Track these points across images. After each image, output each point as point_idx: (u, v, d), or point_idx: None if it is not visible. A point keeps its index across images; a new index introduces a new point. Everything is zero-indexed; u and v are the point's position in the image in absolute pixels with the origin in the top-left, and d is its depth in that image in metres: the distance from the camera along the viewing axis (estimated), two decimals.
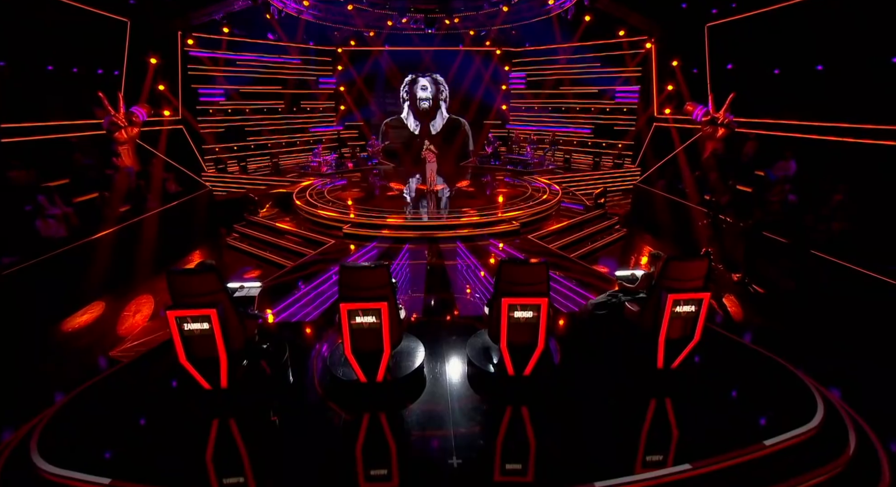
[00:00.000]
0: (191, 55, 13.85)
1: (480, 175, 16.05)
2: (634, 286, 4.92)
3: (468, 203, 11.85)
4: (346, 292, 4.12)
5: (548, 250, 9.47)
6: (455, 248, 9.65)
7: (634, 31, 14.58)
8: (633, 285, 4.95)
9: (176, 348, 3.88)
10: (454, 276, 8.30)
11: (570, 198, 13.42)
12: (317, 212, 10.94)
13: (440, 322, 6.21)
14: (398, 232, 10.06)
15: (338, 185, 14.33)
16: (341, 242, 9.88)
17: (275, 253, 9.81)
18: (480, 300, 7.15)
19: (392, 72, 18.56)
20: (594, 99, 17.16)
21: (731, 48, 12.45)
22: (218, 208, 11.88)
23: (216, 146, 15.37)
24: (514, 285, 4.19)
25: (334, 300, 5.10)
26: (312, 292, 7.35)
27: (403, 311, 4.72)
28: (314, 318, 6.43)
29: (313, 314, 6.59)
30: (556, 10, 13.55)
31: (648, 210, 12.90)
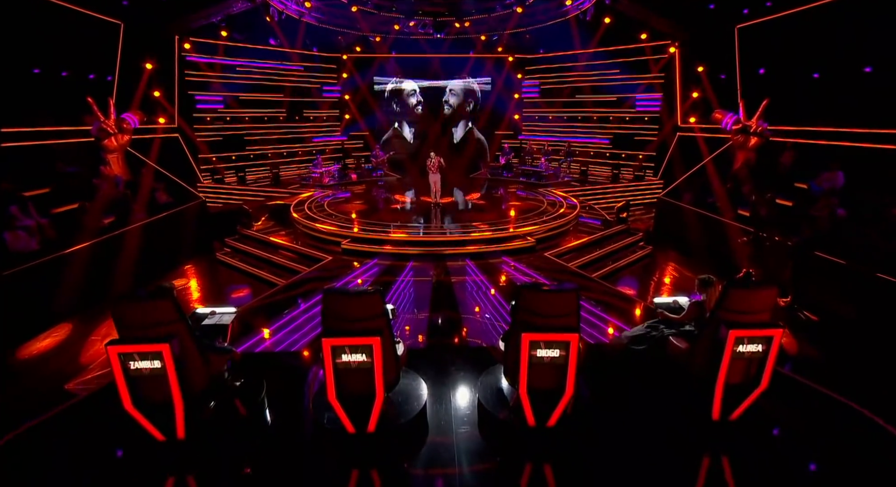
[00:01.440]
0: (188, 60, 13.57)
1: (492, 188, 15.46)
2: (679, 317, 4.20)
3: (479, 217, 11.23)
4: (330, 323, 3.47)
5: (566, 268, 8.77)
6: (464, 266, 9.01)
7: (657, 35, 14.05)
8: (678, 316, 4.23)
9: (120, 391, 3.24)
10: (462, 295, 7.64)
11: (588, 212, 12.73)
12: (315, 226, 10.37)
13: (446, 350, 5.52)
14: (401, 248, 9.44)
15: (339, 197, 13.83)
16: (339, 258, 9.28)
17: (266, 270, 9.24)
18: (491, 322, 6.47)
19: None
20: (613, 107, 16.59)
21: (763, 51, 11.83)
22: (210, 221, 11.39)
23: (213, 156, 14.98)
24: (537, 317, 3.51)
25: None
26: (302, 315, 6.71)
27: (402, 345, 4.05)
28: (304, 345, 5.78)
29: (302, 341, 5.94)
30: (573, 11, 13.05)
31: (674, 226, 12.16)
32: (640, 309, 7.06)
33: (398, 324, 6.21)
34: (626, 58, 15.19)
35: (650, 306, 6.85)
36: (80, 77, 11.13)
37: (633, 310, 7.06)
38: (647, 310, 6.79)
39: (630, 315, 6.81)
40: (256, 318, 6.74)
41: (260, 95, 16.08)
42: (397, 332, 5.87)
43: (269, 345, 5.78)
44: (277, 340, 5.99)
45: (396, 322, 5.83)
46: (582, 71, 16.57)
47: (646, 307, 7.01)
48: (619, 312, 6.87)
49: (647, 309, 6.87)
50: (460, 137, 18.65)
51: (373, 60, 17.65)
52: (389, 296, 7.57)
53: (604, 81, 16.23)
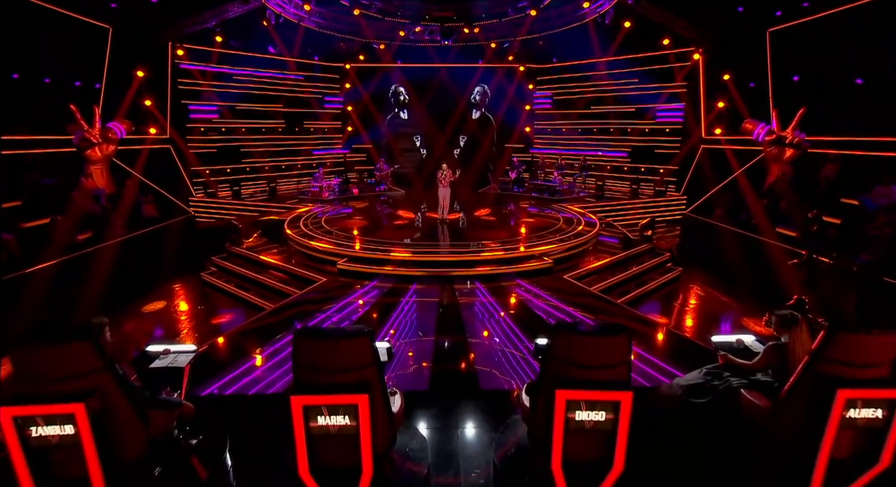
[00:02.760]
0: (181, 68, 13.15)
1: (502, 203, 14.76)
2: (752, 364, 3.38)
3: (489, 235, 10.49)
4: (303, 375, 2.71)
5: (588, 292, 7.95)
6: (474, 289, 8.23)
7: (679, 42, 13.46)
8: (750, 362, 3.41)
9: (16, 468, 2.47)
10: (472, 321, 6.87)
11: (607, 230, 11.94)
12: (310, 243, 9.67)
13: (454, 394, 4.71)
14: (404, 269, 8.70)
15: (340, 212, 13.19)
16: (335, 279, 8.54)
17: (254, 292, 8.53)
18: (506, 354, 5.68)
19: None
20: (631, 119, 15.95)
21: (798, 56, 11.16)
22: (197, 238, 10.76)
23: (206, 168, 14.46)
24: (575, 368, 2.72)
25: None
26: (287, 348, 5.93)
27: (398, 398, 3.26)
28: (286, 384, 4.99)
29: (285, 379, 5.15)
30: (591, 14, 12.50)
31: (703, 245, 11.35)
32: (671, 341, 6.22)
33: (395, 364, 5.41)
34: (646, 66, 14.59)
35: (699, 343, 6.02)
36: (65, 84, 10.69)
37: (670, 344, 6.21)
38: (695, 349, 5.95)
39: (670, 351, 5.96)
40: (232, 350, 5.99)
41: (257, 106, 15.63)
42: (393, 375, 5.11)
43: (244, 385, 5.00)
44: (255, 377, 5.21)
45: (393, 365, 5.05)
46: (598, 81, 15.98)
47: (690, 344, 6.16)
48: (654, 346, 6.03)
49: (694, 348, 6.03)
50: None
51: (377, 70, 17.22)
52: (390, 320, 6.81)
53: (622, 90, 15.61)
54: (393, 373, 5.20)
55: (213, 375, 5.12)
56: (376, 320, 6.95)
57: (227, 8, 11.30)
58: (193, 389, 4.53)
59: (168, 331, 7.02)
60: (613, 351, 2.71)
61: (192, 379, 3.80)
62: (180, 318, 7.64)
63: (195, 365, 3.63)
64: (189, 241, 10.60)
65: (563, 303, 7.36)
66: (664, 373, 5.03)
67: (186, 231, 10.93)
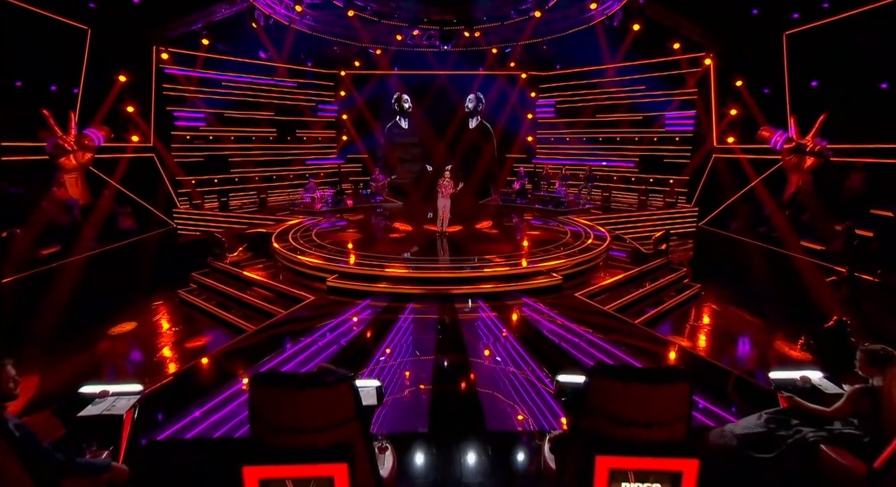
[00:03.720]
0: (166, 73, 12.68)
1: (504, 215, 14.23)
2: (831, 411, 2.77)
3: (492, 249, 9.92)
4: (263, 435, 2.09)
5: (603, 312, 7.34)
6: (476, 308, 7.63)
7: (690, 46, 13.08)
8: (829, 409, 2.80)
9: None
10: (475, 342, 6.27)
11: (617, 243, 11.38)
12: (297, 258, 9.07)
13: (455, 441, 4.06)
14: (400, 287, 8.09)
15: (332, 225, 12.63)
16: (324, 297, 7.92)
17: (236, 312, 7.90)
18: (512, 378, 5.06)
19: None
20: (639, 127, 15.52)
21: (816, 60, 10.75)
22: (177, 252, 10.16)
23: (192, 179, 13.91)
24: (620, 426, 2.11)
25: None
26: None
27: (389, 455, 2.64)
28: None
29: None
30: (598, 16, 12.12)
31: (721, 259, 10.81)
32: (696, 366, 5.59)
33: (389, 393, 4.78)
34: (655, 72, 14.21)
35: (729, 368, 5.39)
36: (39, 88, 10.18)
37: (697, 370, 5.59)
38: (725, 376, 5.32)
39: (706, 381, 5.33)
40: (202, 380, 5.34)
41: (247, 113, 15.17)
42: (385, 413, 4.47)
43: (205, 428, 4.34)
44: (225, 415, 4.56)
45: (382, 413, 4.41)
46: (604, 87, 15.59)
47: (720, 372, 5.53)
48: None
49: (721, 373, 5.41)
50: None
51: (373, 76, 16.81)
52: (385, 342, 6.19)
53: (629, 97, 15.21)
54: (385, 410, 4.57)
55: (176, 412, 4.47)
56: (370, 338, 6.35)
57: (213, 9, 10.88)
58: (147, 435, 3.90)
59: (130, 358, 6.37)
60: (670, 403, 2.10)
61: (140, 426, 3.17)
62: (149, 342, 6.99)
63: (151, 404, 3.02)
64: (168, 255, 10.00)
65: (578, 326, 6.74)
66: (702, 411, 4.41)
67: (166, 245, 10.35)
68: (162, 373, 5.72)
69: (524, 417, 4.47)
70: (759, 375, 5.24)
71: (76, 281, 7.41)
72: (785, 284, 7.96)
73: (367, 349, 6.09)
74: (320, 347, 6.15)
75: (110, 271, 8.36)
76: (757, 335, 7.23)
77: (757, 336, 7.18)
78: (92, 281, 7.75)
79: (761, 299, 8.17)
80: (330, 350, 6.07)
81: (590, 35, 13.34)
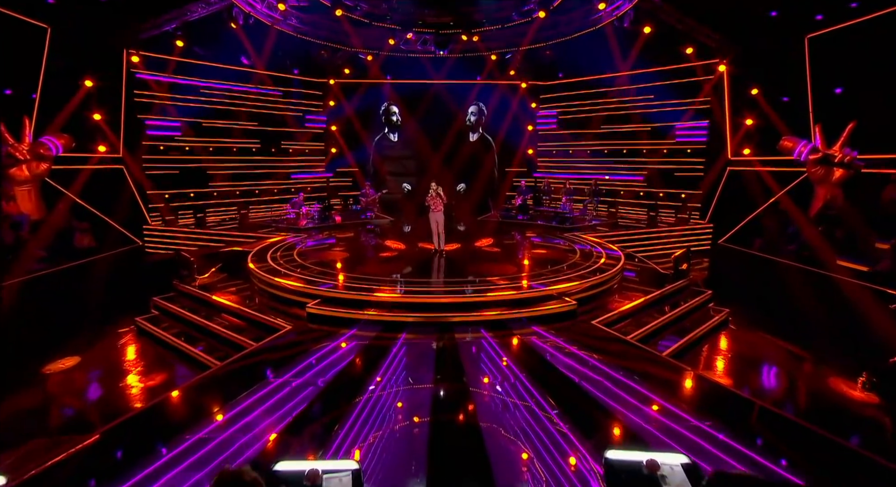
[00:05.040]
0: (137, 78, 11.91)
1: (505, 232, 13.42)
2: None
3: (494, 269, 9.08)
4: None
5: (625, 342, 6.47)
6: (479, 338, 6.75)
7: (703, 52, 12.53)
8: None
9: None
10: (479, 380, 5.38)
11: (631, 263, 10.59)
12: (274, 280, 8.17)
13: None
14: (391, 313, 7.20)
15: (323, 243, 11.78)
16: (303, 326, 7.02)
17: (206, 342, 6.97)
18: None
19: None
20: (647, 139, 14.90)
21: (841, 65, 10.19)
22: (140, 273, 9.22)
23: (165, 192, 13.04)
24: None
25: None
26: (227, 430, 4.36)
27: None
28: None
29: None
30: (607, 18, 11.53)
31: (743, 279, 10.04)
32: (738, 408, 4.72)
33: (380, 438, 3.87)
34: (664, 81, 13.65)
35: (784, 414, 4.50)
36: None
37: (743, 414, 4.71)
38: (780, 423, 4.45)
39: (753, 427, 4.46)
40: (142, 434, 4.39)
41: (228, 123, 14.40)
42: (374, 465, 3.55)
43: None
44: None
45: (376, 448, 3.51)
46: (610, 97, 15.00)
47: (773, 416, 4.65)
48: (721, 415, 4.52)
49: (774, 419, 4.53)
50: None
51: (364, 86, 16.16)
52: (372, 382, 5.28)
53: (637, 107, 14.62)
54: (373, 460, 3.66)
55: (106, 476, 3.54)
56: (355, 377, 5.44)
57: (188, 8, 10.18)
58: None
59: (64, 403, 5.40)
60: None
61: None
62: (92, 382, 6.02)
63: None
64: (129, 277, 9.06)
65: (603, 361, 5.85)
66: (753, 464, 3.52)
67: (129, 266, 9.42)
68: (89, 426, 4.72)
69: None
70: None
71: (11, 308, 6.46)
72: (830, 310, 7.13)
73: (349, 392, 5.17)
74: (293, 389, 5.22)
75: (57, 296, 7.40)
76: (804, 370, 6.37)
77: (804, 372, 6.32)
78: (33, 308, 6.79)
79: (802, 327, 7.35)
80: (304, 393, 5.15)
81: (596, 40, 12.76)
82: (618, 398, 4.98)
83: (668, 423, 4.50)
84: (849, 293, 7.29)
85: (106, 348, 7.02)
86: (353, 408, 4.84)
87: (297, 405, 4.87)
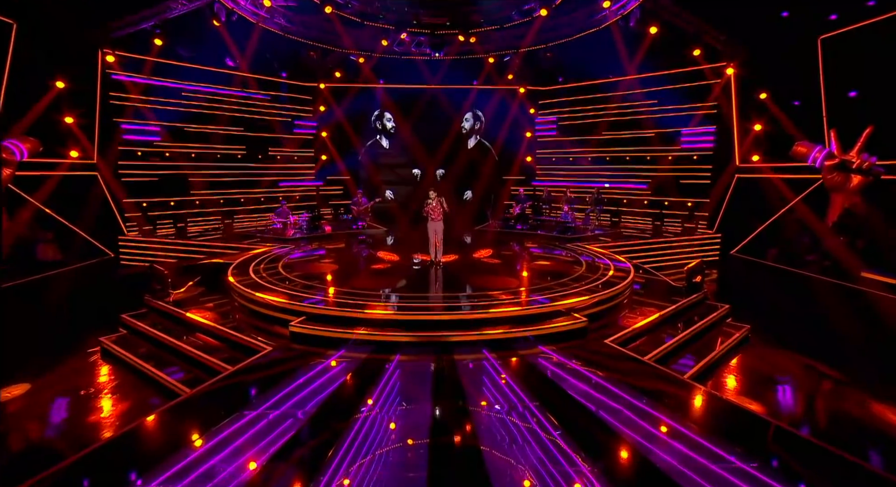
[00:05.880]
0: (113, 79, 11.34)
1: (504, 243, 12.90)
2: None
3: (495, 282, 8.52)
4: None
5: (643, 363, 5.90)
6: (480, 358, 6.17)
7: (709, 55, 12.18)
8: None
9: None
10: (478, 398, 4.79)
11: (641, 276, 10.08)
12: (255, 295, 7.56)
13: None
14: (383, 332, 6.61)
15: (312, 254, 11.18)
16: (286, 347, 6.40)
17: (177, 365, 6.33)
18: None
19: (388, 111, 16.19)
20: (652, 145, 14.50)
21: (856, 67, 9.84)
22: (110, 288, 8.57)
23: (143, 200, 12.41)
24: None
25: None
26: (185, 477, 3.73)
27: None
28: None
29: None
30: (612, 17, 11.13)
31: (761, 293, 9.54)
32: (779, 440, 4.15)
33: None
34: (669, 85, 13.28)
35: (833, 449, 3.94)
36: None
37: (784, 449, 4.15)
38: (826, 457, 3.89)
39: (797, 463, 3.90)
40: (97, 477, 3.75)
41: (211, 128, 13.83)
42: None
43: None
44: None
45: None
46: (612, 102, 14.61)
47: (820, 452, 4.09)
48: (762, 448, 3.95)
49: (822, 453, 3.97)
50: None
51: (356, 90, 15.66)
52: (363, 414, 4.66)
53: (641, 112, 14.24)
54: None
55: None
56: (342, 405, 4.82)
57: (167, 5, 9.65)
58: None
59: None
60: None
61: None
62: (40, 414, 5.35)
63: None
64: (98, 292, 8.40)
65: (624, 389, 5.28)
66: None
67: (97, 279, 8.76)
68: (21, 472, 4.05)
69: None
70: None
71: None
72: (862, 325, 6.62)
73: (335, 424, 4.55)
74: (270, 423, 4.59)
75: (13, 314, 6.73)
76: (844, 396, 5.83)
77: (844, 398, 5.78)
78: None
79: (832, 346, 6.82)
80: (282, 427, 4.52)
81: (598, 42, 12.37)
82: (646, 433, 4.40)
83: (704, 461, 3.93)
84: (880, 308, 6.80)
85: (63, 373, 6.34)
86: (340, 444, 4.23)
87: (272, 443, 4.24)
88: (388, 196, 16.33)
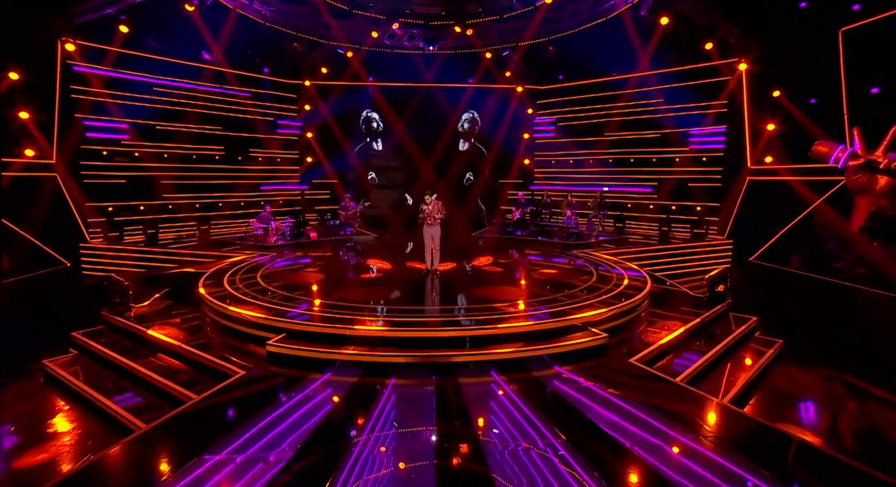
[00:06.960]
0: (75, 71, 10.51)
1: (504, 250, 12.23)
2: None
3: (498, 293, 7.82)
4: None
5: (677, 385, 5.21)
6: (488, 381, 5.44)
7: (722, 50, 11.69)
8: None
9: None
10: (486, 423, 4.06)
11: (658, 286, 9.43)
12: (228, 310, 6.75)
13: None
14: (375, 352, 5.85)
15: (296, 262, 10.41)
16: (262, 369, 5.61)
17: (134, 391, 5.51)
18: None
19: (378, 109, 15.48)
20: (658, 147, 13.98)
21: (880, 61, 9.37)
22: (62, 301, 7.69)
23: (108, 205, 11.52)
24: None
25: None
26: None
27: None
28: None
29: None
30: (622, 5, 10.56)
31: (777, 301, 8.97)
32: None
33: None
34: (676, 83, 12.79)
35: None
36: None
37: None
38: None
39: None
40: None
41: (186, 126, 13.00)
42: None
43: None
44: None
45: None
46: (616, 101, 14.08)
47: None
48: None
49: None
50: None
51: (343, 87, 14.96)
52: (352, 458, 3.90)
53: (646, 112, 13.72)
54: None
55: None
56: (324, 444, 4.05)
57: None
58: None
59: None
60: None
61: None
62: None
63: None
64: (49, 306, 7.52)
65: (663, 421, 4.57)
66: None
67: (49, 292, 7.89)
68: None
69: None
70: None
71: None
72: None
73: (317, 469, 3.78)
74: (237, 470, 3.80)
75: None
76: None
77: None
78: None
79: (876, 363, 6.20)
80: (253, 471, 3.73)
81: (604, 34, 11.80)
82: (688, 471, 3.69)
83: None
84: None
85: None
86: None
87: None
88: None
